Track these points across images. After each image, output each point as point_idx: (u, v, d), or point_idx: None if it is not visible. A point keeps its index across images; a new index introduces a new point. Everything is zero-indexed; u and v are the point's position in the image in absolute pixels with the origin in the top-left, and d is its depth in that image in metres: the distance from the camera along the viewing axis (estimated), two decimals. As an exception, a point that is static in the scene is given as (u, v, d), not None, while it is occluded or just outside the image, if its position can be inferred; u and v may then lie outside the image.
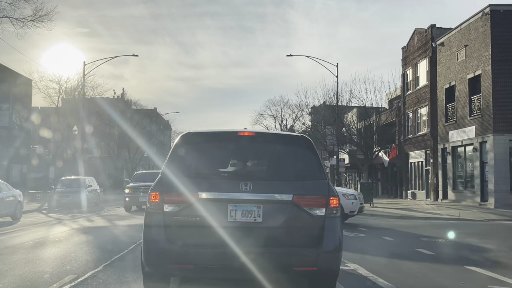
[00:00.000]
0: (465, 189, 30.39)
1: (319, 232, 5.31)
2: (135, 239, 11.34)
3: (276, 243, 5.25)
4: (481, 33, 28.04)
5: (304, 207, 5.33)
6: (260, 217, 5.28)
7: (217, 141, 5.97)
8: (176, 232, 5.27)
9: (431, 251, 10.10)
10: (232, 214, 5.28)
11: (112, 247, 10.15)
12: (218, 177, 5.61)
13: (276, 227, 5.27)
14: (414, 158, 38.75)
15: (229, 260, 5.16)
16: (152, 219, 5.37)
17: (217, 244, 5.19)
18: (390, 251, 10.15)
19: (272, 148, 5.92)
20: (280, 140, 6.28)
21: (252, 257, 5.13)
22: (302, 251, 5.28)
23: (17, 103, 43.90)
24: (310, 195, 5.40)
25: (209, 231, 5.22)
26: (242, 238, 5.19)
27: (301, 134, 6.30)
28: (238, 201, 5.30)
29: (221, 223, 5.24)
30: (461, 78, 30.42)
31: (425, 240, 12.17)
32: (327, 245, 5.31)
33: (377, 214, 22.12)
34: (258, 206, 5.31)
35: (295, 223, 5.33)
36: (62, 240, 11.66)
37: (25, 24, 23.55)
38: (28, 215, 22.37)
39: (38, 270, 7.78)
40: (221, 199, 5.31)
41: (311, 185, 5.49)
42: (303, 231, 5.35)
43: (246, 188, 5.32)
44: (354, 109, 44.10)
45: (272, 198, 5.33)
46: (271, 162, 5.88)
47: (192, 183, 5.35)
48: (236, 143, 5.84)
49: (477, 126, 28.48)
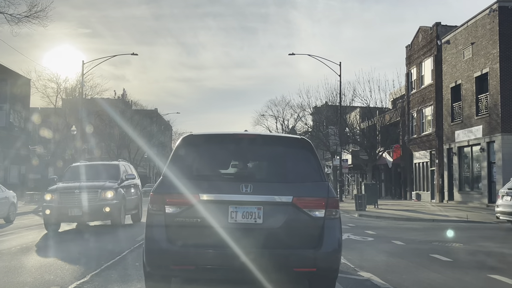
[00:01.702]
0: (472, 190, 29.65)
1: (319, 233, 5.31)
2: (132, 242, 10.65)
3: (276, 244, 5.26)
4: (488, 30, 27.31)
5: (303, 209, 5.33)
6: (261, 218, 5.28)
7: (218, 143, 5.98)
8: (177, 233, 5.26)
9: (447, 257, 9.36)
10: (233, 216, 5.28)
11: (103, 253, 9.44)
12: (219, 179, 5.67)
13: (276, 228, 5.27)
14: (418, 158, 38.01)
15: (230, 260, 5.16)
16: (154, 220, 5.34)
17: (218, 245, 5.19)
18: (404, 257, 9.41)
19: (272, 150, 5.90)
20: (280, 142, 6.28)
21: (252, 258, 5.12)
22: (302, 252, 5.28)
23: (15, 103, 43.28)
24: (310, 197, 5.39)
25: (210, 232, 5.21)
26: (242, 239, 5.18)
27: (301, 136, 6.25)
28: (239, 202, 5.29)
29: (222, 224, 5.23)
30: (467, 77, 29.68)
31: (438, 245, 11.44)
32: (327, 246, 5.29)
33: (383, 216, 21.41)
34: (258, 207, 5.30)
35: (295, 225, 5.32)
36: (51, 245, 10.95)
37: (20, 20, 22.91)
38: (23, 217, 21.69)
39: (18, 280, 7.05)
40: (222, 200, 5.31)
41: (311, 187, 5.50)
42: (302, 232, 5.33)
43: (246, 190, 5.31)
44: (357, 109, 43.46)
45: (272, 200, 5.32)
46: (271, 164, 5.90)
47: (193, 185, 5.33)
48: (237, 145, 5.88)
49: (485, 125, 27.74)
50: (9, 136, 41.80)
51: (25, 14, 22.86)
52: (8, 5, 23.48)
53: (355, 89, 38.76)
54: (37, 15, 22.87)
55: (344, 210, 26.32)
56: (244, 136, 6.04)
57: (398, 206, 28.85)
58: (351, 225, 16.72)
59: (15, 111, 43.75)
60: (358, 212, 23.85)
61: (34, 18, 22.95)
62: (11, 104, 42.72)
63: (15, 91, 42.04)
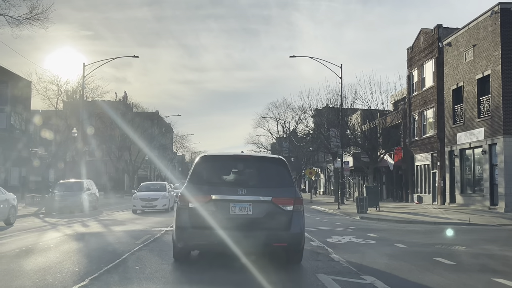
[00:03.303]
0: (474, 193, 29.50)
1: (289, 221, 7.88)
2: (130, 247, 10.54)
3: (261, 227, 7.83)
4: (490, 32, 27.22)
5: (279, 205, 7.93)
6: (251, 211, 7.90)
7: (223, 161, 8.95)
8: (196, 220, 7.82)
9: (450, 260, 9.26)
10: (233, 209, 7.89)
11: (102, 256, 9.34)
12: (224, 185, 8.29)
13: (261, 217, 7.89)
14: (420, 161, 37.87)
15: (230, 239, 7.61)
16: (181, 212, 7.99)
17: (223, 228, 7.65)
18: (407, 260, 9.31)
19: (259, 166, 8.69)
20: (264, 160, 9.23)
21: (246, 237, 7.73)
22: (278, 233, 7.88)
23: (16, 105, 43.21)
24: (283, 197, 7.98)
25: (218, 220, 7.75)
26: (239, 225, 7.80)
27: (278, 156, 8.96)
28: (237, 201, 7.89)
29: (225, 215, 7.85)
30: (469, 79, 29.58)
31: (440, 248, 11.33)
32: (294, 229, 7.89)
33: (385, 219, 21.31)
34: (249, 204, 7.90)
35: (273, 215, 7.91)
36: (51, 248, 10.85)
37: (21, 22, 22.81)
38: (23, 220, 21.62)
39: (15, 284, 6.95)
40: (226, 199, 7.91)
41: (284, 190, 8.12)
42: (278, 220, 7.89)
43: (242, 192, 7.91)
44: (358, 111, 43.36)
45: (258, 199, 7.92)
46: (258, 175, 8.47)
47: (207, 189, 8.01)
48: (235, 162, 8.74)
49: (486, 128, 27.62)
50: (10, 138, 41.72)
51: (26, 16, 22.80)
52: (9, 7, 23.48)
53: (356, 91, 38.66)
54: (38, 17, 22.81)
55: (346, 212, 26.21)
56: (241, 157, 9.46)
57: (400, 209, 28.71)
58: (353, 227, 16.62)
59: (16, 113, 43.68)
60: (360, 215, 23.74)
61: (35, 20, 22.89)
62: (12, 106, 42.63)
63: (16, 93, 41.95)
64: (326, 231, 15.08)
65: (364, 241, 12.43)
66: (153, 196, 26.09)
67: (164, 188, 28.29)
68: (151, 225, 16.90)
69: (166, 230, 14.45)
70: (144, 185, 29.28)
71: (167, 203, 26.47)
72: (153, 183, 31.37)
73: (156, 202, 25.89)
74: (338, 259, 9.16)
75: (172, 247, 8.52)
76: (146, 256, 9.34)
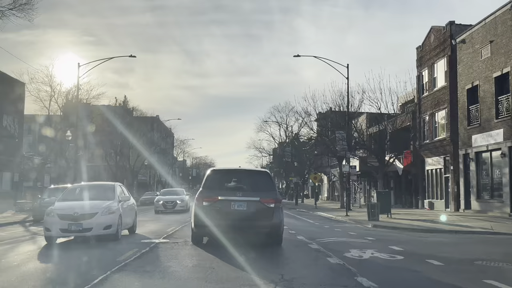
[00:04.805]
0: (492, 198, 27.59)
1: (271, 214, 11.63)
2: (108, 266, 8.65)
3: (252, 219, 11.51)
4: (509, 27, 25.43)
5: (264, 203, 11.64)
6: (245, 207, 11.57)
7: (226, 173, 12.84)
8: (208, 214, 11.49)
9: (507, 284, 7.38)
10: (233, 206, 11.55)
11: (69, 279, 7.47)
12: (227, 189, 11.83)
13: (252, 212, 11.55)
14: (431, 165, 35.96)
15: (232, 226, 11.44)
16: (197, 209, 11.69)
17: (227, 219, 11.39)
18: (456, 285, 7.41)
19: (251, 176, 12.86)
20: (255, 173, 13.84)
21: (242, 225, 11.50)
22: (264, 222, 11.57)
23: (9, 108, 41.45)
24: (267, 198, 11.71)
25: (223, 213, 11.47)
26: (237, 217, 11.47)
27: (265, 170, 13.75)
28: (236, 200, 11.58)
29: (228, 210, 11.53)
30: (486, 77, 27.76)
31: (484, 265, 9.42)
32: (275, 220, 11.67)
33: (400, 227, 19.45)
34: (244, 203, 11.57)
35: (260, 210, 11.60)
36: (12, 267, 8.96)
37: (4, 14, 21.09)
38: (6, 229, 19.83)
39: None
40: (228, 199, 11.60)
41: (268, 193, 11.89)
42: (264, 214, 11.58)
43: (239, 195, 11.64)
44: (364, 114, 41.59)
45: (251, 199, 11.63)
46: (250, 183, 12.17)
47: (215, 192, 11.76)
48: (235, 174, 12.61)
49: (506, 129, 25.76)
50: (1, 141, 39.91)
51: (9, 7, 21.10)
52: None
53: (364, 91, 36.78)
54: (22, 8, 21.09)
55: (355, 220, 24.28)
56: (239, 170, 13.76)
57: (412, 216, 26.85)
58: (370, 238, 14.70)
59: (8, 116, 41.90)
60: (372, 222, 21.82)
61: (19, 11, 21.18)
62: (5, 109, 40.87)
63: (8, 95, 40.24)
64: (341, 243, 13.19)
65: (389, 256, 10.50)
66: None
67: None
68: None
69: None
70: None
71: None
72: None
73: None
74: (368, 285, 7.22)
75: (190, 235, 12.44)
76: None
